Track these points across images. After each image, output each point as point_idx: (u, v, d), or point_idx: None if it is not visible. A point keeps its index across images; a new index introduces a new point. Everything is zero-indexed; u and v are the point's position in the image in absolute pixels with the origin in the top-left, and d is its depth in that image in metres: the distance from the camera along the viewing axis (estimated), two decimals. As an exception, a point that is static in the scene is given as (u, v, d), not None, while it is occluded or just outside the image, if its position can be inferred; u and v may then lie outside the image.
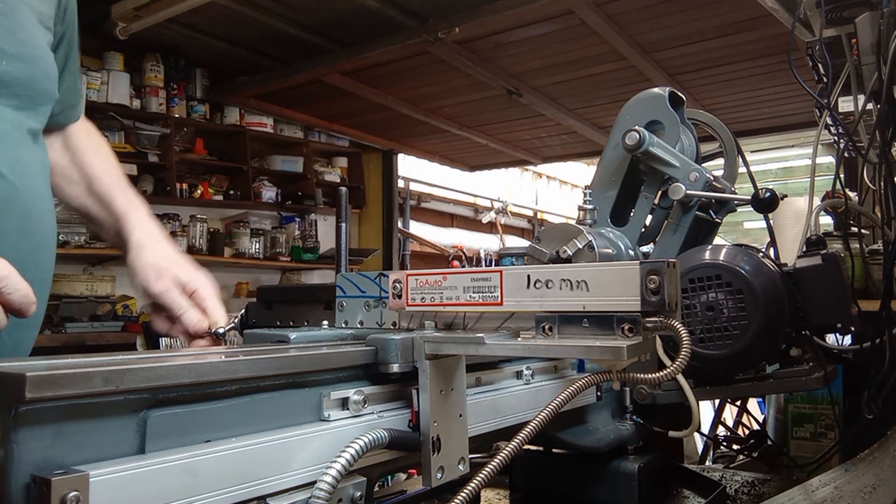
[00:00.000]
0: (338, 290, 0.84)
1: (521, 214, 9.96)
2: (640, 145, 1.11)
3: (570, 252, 1.04)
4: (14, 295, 0.72)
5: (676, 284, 0.59)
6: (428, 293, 0.71)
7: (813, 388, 1.08)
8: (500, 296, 0.66)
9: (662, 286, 0.58)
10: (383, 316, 0.79)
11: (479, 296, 0.67)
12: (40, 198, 0.97)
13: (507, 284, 0.66)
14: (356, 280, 0.82)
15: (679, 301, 0.60)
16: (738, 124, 5.19)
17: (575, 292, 0.62)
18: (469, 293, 0.68)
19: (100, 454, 0.46)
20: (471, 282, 0.68)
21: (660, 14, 3.58)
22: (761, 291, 0.99)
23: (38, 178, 0.97)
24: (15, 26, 0.92)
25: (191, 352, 0.86)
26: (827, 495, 0.90)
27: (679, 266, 0.60)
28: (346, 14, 3.84)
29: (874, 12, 1.56)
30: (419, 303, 0.71)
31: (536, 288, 0.64)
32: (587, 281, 0.61)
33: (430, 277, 0.71)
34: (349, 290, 0.83)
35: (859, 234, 1.73)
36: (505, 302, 0.66)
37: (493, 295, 0.66)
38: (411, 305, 0.72)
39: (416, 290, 0.72)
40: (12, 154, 0.91)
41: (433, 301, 0.70)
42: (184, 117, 5.01)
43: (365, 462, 0.60)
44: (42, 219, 0.96)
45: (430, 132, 5.72)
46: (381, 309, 0.79)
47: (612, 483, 0.99)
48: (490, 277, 0.67)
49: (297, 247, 5.73)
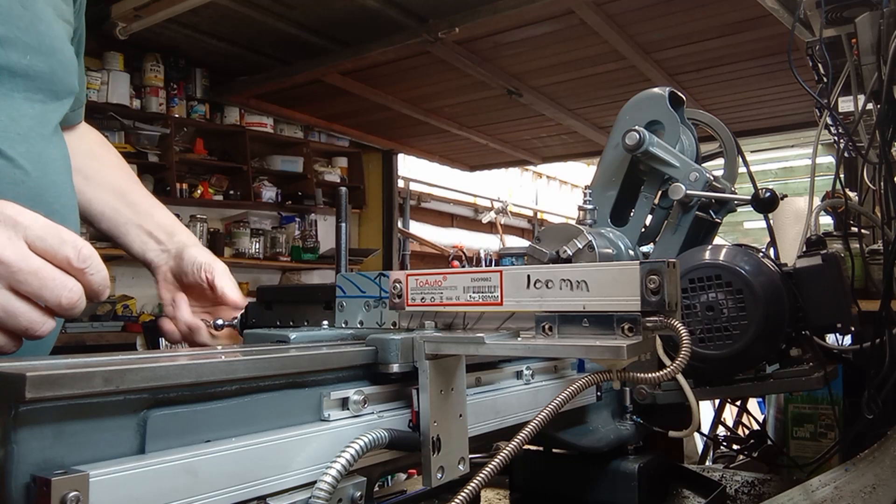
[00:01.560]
0: (338, 291, 0.83)
1: (521, 214, 9.97)
2: (640, 145, 1.11)
3: (570, 252, 1.04)
4: (96, 276, 0.70)
5: (676, 284, 0.59)
6: (428, 293, 0.71)
7: (813, 388, 1.08)
8: (500, 296, 0.66)
9: (662, 286, 0.58)
10: (383, 316, 0.79)
11: (479, 296, 0.67)
12: (64, 194, 0.96)
13: (507, 284, 0.66)
14: (356, 280, 0.82)
15: (679, 301, 0.60)
16: (738, 124, 5.19)
17: (575, 292, 0.62)
18: (469, 293, 0.68)
19: (100, 454, 0.46)
20: (471, 282, 0.68)
21: (660, 14, 3.58)
22: (761, 291, 0.99)
23: (62, 174, 0.96)
24: (34, 19, 0.91)
25: (191, 352, 0.86)
26: (827, 495, 0.90)
27: (679, 266, 0.60)
28: (346, 14, 3.84)
29: (874, 12, 1.56)
30: (419, 303, 0.71)
31: (536, 288, 0.64)
32: (587, 281, 0.61)
33: (430, 277, 0.71)
34: (349, 290, 0.82)
35: (859, 234, 1.73)
36: (505, 302, 0.66)
37: (493, 295, 0.66)
38: (411, 305, 0.72)
39: (416, 290, 0.72)
40: (36, 150, 0.90)
41: (433, 301, 0.70)
42: (184, 117, 5.02)
43: (365, 462, 0.60)
44: (66, 216, 0.95)
45: (430, 132, 5.72)
46: (382, 309, 0.79)
47: (612, 483, 0.99)
48: (490, 277, 0.67)
49: (297, 247, 5.73)
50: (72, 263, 0.67)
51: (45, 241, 0.66)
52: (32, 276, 0.65)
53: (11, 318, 0.65)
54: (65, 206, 0.95)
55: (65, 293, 0.66)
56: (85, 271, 0.69)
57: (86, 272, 0.69)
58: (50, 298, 0.66)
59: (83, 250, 0.68)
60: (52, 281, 0.66)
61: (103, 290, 0.72)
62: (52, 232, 0.68)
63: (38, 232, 0.66)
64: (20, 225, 0.66)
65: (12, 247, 0.65)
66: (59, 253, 0.67)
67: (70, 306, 0.67)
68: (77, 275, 0.68)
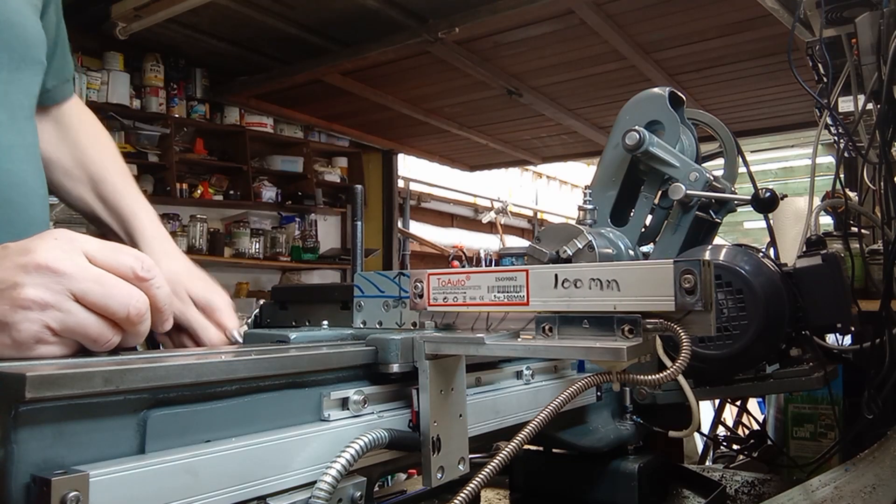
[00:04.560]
0: (355, 290, 0.81)
1: (521, 214, 9.97)
2: (640, 145, 1.11)
3: (570, 252, 1.04)
4: (161, 290, 0.66)
5: (711, 283, 0.57)
6: (451, 293, 0.69)
7: (813, 388, 1.08)
8: (527, 295, 0.64)
9: (698, 285, 0.55)
10: (403, 316, 0.77)
11: (504, 295, 0.65)
12: (22, 183, 0.89)
13: (534, 284, 0.63)
14: (374, 279, 0.80)
15: (714, 301, 0.57)
16: (738, 124, 5.19)
17: (605, 292, 0.59)
18: (494, 293, 0.66)
19: (100, 454, 0.46)
20: (495, 281, 0.66)
21: (660, 14, 3.58)
22: (761, 291, 0.99)
23: (20, 164, 0.90)
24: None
25: (191, 352, 0.86)
26: (827, 495, 0.90)
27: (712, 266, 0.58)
28: (346, 14, 3.84)
29: (874, 12, 1.56)
30: (441, 303, 0.69)
31: (564, 287, 0.62)
32: (618, 280, 0.59)
33: (452, 277, 0.69)
34: (367, 289, 0.80)
35: (859, 234, 1.73)
36: (531, 302, 0.64)
37: (518, 295, 0.64)
38: (433, 305, 0.70)
39: (437, 290, 0.70)
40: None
41: (456, 301, 0.68)
42: (184, 117, 5.01)
43: (365, 462, 0.60)
44: (25, 206, 0.89)
45: (430, 132, 5.72)
46: (401, 309, 0.77)
47: (612, 483, 0.99)
48: (515, 277, 0.65)
49: (296, 247, 5.73)
50: (136, 273, 0.64)
51: (103, 253, 0.63)
52: (96, 283, 0.61)
53: (81, 330, 0.60)
54: (23, 196, 0.89)
55: (132, 302, 0.62)
56: (150, 283, 0.65)
57: (151, 284, 0.65)
58: (117, 308, 0.61)
59: (146, 261, 0.65)
60: (116, 289, 0.62)
61: (167, 308, 0.68)
62: (110, 245, 0.64)
63: (95, 245, 0.63)
64: (76, 240, 0.62)
65: (70, 259, 0.61)
66: (121, 264, 0.63)
67: (138, 317, 0.63)
68: (141, 286, 0.64)
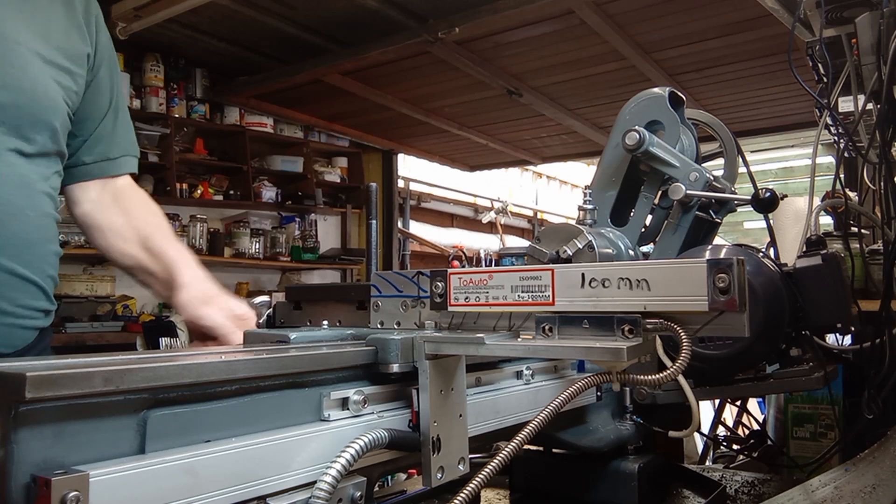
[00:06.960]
0: (373, 290, 0.80)
1: (521, 214, 9.97)
2: (640, 145, 1.11)
3: (570, 252, 1.04)
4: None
5: (744, 283, 0.56)
6: (472, 293, 0.67)
7: (813, 388, 1.08)
8: (552, 295, 0.62)
9: (732, 284, 0.54)
10: (422, 316, 0.76)
11: (528, 295, 0.64)
12: (6, 202, 1.02)
13: (559, 283, 0.62)
14: (392, 279, 0.78)
15: (747, 301, 0.55)
16: (738, 124, 5.19)
17: (634, 292, 0.58)
18: (518, 292, 0.64)
19: (100, 454, 0.46)
20: (519, 280, 0.64)
21: (660, 14, 3.58)
22: (761, 291, 0.98)
23: (8, 186, 1.02)
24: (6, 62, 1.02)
25: (190, 352, 0.86)
26: (827, 495, 0.90)
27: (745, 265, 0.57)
28: (346, 14, 3.84)
29: (874, 12, 1.56)
30: (463, 303, 0.68)
31: (591, 287, 0.60)
32: (648, 280, 0.57)
33: (474, 276, 0.67)
34: (385, 289, 0.79)
35: (859, 234, 1.73)
36: (557, 301, 0.62)
37: (543, 294, 0.63)
38: (454, 305, 0.69)
39: (459, 290, 0.68)
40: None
41: (478, 301, 0.67)
42: (184, 117, 5.01)
43: (365, 462, 0.60)
44: (3, 222, 1.01)
45: (430, 132, 5.71)
46: (420, 309, 0.76)
47: (612, 483, 0.99)
48: (540, 276, 0.63)
49: (297, 247, 5.72)
50: None
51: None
52: None
53: None
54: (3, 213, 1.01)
55: None
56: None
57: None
58: None
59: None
60: None
61: None
62: None
63: None
64: None
65: None
66: None
67: None
68: None
